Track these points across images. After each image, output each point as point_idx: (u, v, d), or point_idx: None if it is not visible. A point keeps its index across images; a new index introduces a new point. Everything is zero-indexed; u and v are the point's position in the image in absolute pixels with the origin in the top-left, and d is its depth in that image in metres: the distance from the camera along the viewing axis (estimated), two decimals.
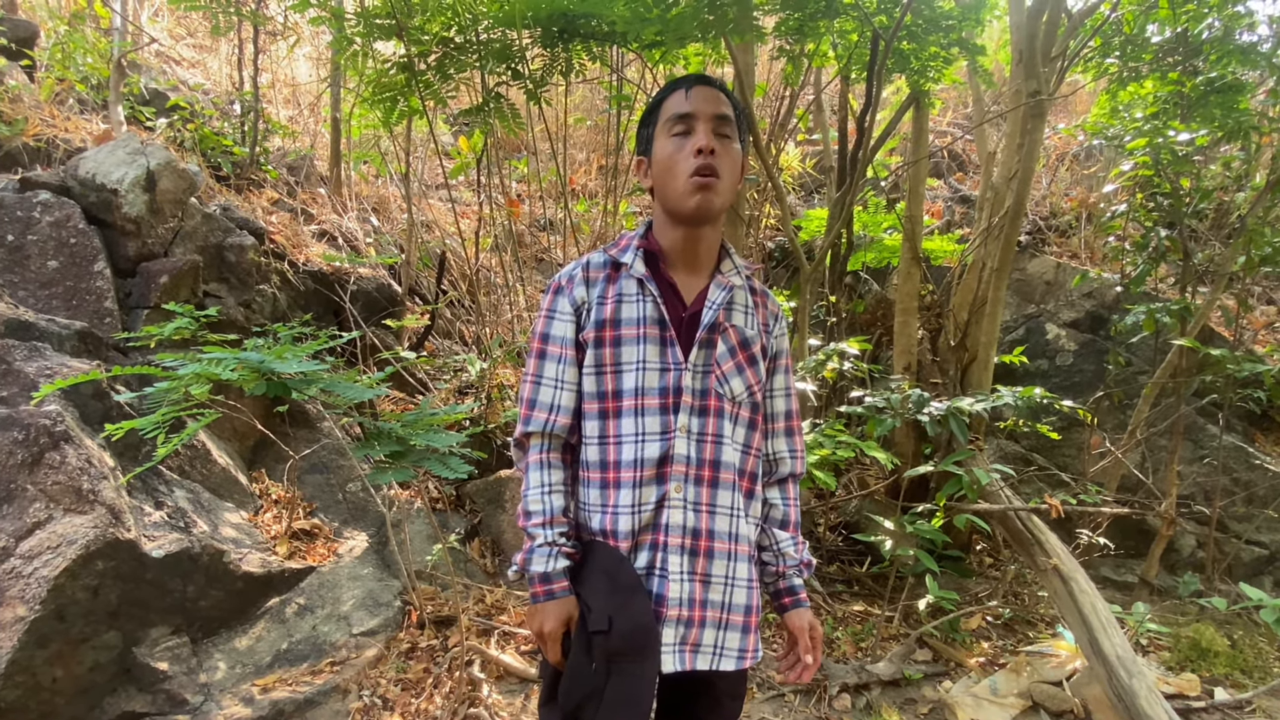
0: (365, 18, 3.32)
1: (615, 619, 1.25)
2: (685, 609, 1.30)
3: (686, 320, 1.37)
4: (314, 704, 2.54)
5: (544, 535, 1.32)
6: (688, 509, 1.32)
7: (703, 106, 1.32)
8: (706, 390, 1.35)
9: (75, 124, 4.55)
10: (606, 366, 1.36)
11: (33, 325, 2.97)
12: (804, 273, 3.69)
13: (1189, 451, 4.26)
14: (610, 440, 1.35)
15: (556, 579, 1.31)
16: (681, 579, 1.30)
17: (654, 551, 1.32)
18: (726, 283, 1.40)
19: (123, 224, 3.62)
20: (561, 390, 1.38)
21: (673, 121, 1.33)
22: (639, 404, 1.33)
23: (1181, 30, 3.87)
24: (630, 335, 1.35)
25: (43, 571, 2.30)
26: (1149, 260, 3.92)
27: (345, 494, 3.59)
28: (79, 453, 2.53)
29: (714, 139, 1.31)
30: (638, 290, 1.37)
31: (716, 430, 1.35)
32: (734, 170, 1.35)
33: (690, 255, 1.40)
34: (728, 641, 1.35)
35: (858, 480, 4.50)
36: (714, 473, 1.35)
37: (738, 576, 1.37)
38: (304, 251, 4.66)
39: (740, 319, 1.41)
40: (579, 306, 1.39)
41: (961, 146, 7.21)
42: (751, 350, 1.40)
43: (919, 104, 4.11)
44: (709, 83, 1.35)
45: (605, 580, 1.29)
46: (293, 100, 6.91)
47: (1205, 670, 3.11)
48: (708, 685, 1.40)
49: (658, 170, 1.36)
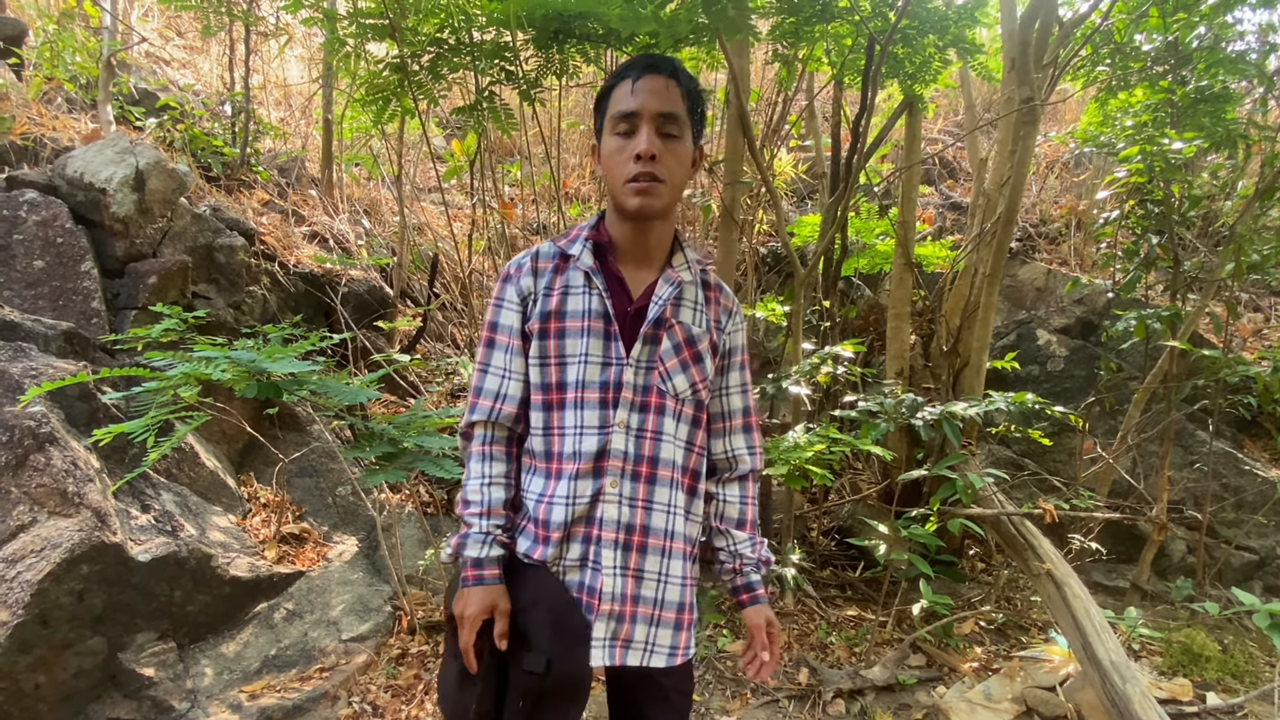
0: (357, 18, 3.30)
1: (555, 664, 1.25)
2: (617, 604, 1.30)
3: (632, 315, 1.35)
4: (303, 711, 2.51)
5: (480, 525, 1.32)
6: (623, 504, 1.32)
7: (648, 103, 1.27)
8: (648, 386, 1.34)
9: (63, 123, 4.51)
10: (551, 358, 1.35)
11: (18, 325, 2.92)
12: (798, 278, 3.69)
13: (1179, 457, 4.28)
14: (554, 432, 1.35)
15: (488, 565, 1.30)
16: (615, 573, 1.30)
17: (587, 544, 1.31)
18: (675, 278, 1.38)
19: (111, 224, 3.58)
20: (509, 379, 1.37)
21: (616, 119, 1.30)
22: (580, 397, 1.33)
23: (1172, 39, 3.90)
24: (574, 328, 1.34)
25: (26, 575, 2.26)
26: (1139, 267, 3.95)
27: (335, 498, 3.56)
28: (64, 455, 2.49)
29: (657, 140, 1.27)
30: (584, 283, 1.35)
31: (656, 426, 1.34)
32: (679, 169, 1.32)
33: (639, 249, 1.38)
34: (659, 638, 1.34)
35: (850, 485, 4.50)
36: (652, 469, 1.34)
37: (671, 574, 1.36)
38: (295, 253, 4.63)
39: (688, 315, 1.40)
40: (525, 297, 1.37)
41: (953, 153, 7.25)
42: (698, 347, 1.39)
43: (912, 109, 4.13)
44: (659, 69, 1.30)
45: (550, 620, 1.28)
46: (284, 101, 6.87)
47: (1197, 675, 3.11)
48: (647, 678, 1.39)
49: (604, 165, 1.34)
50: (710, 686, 2.97)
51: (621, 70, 1.33)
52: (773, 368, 4.78)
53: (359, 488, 3.50)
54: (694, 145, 1.37)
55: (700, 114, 1.37)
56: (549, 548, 1.31)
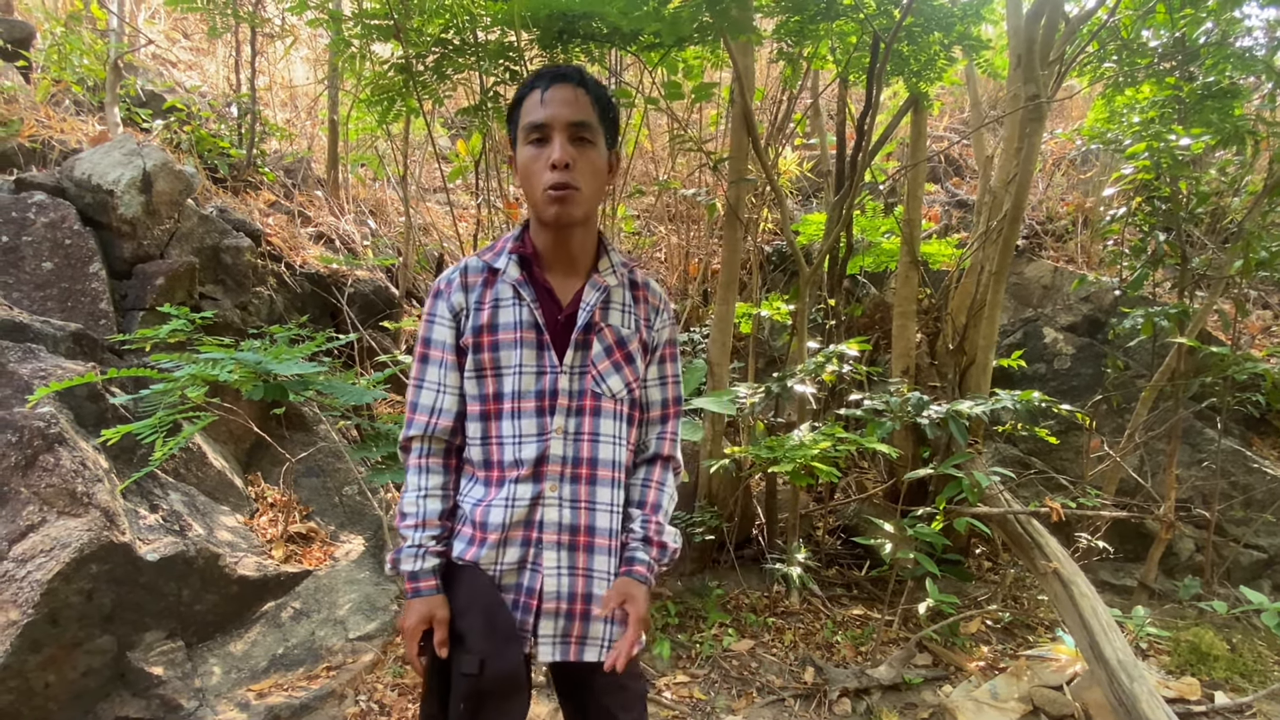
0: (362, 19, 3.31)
1: (488, 664, 1.29)
2: (565, 603, 1.34)
3: (563, 322, 1.39)
4: (310, 709, 2.52)
5: (414, 537, 1.36)
6: (564, 506, 1.36)
7: (559, 112, 1.29)
8: (583, 390, 1.38)
9: (71, 125, 4.53)
10: (487, 370, 1.38)
11: (27, 327, 2.94)
12: (803, 276, 3.69)
13: (1187, 455, 4.26)
14: (492, 441, 1.38)
15: (424, 577, 1.35)
16: (559, 574, 1.34)
17: (526, 547, 1.35)
18: (601, 283, 1.41)
19: (118, 225, 3.60)
20: (443, 394, 1.41)
21: (529, 129, 1.31)
22: (516, 407, 1.36)
23: (1179, 35, 3.88)
24: (507, 340, 1.37)
25: (36, 575, 2.27)
26: (1147, 264, 3.93)
27: (342, 497, 3.57)
28: (73, 455, 2.50)
29: (570, 148, 1.29)
30: (513, 295, 1.38)
31: (594, 429, 1.38)
32: (595, 176, 1.34)
33: (563, 257, 1.41)
34: (615, 634, 1.37)
35: (856, 483, 4.49)
36: (592, 470, 1.38)
37: (619, 570, 1.40)
38: (301, 254, 4.64)
39: (617, 318, 1.43)
40: (458, 312, 1.40)
41: (959, 151, 7.23)
42: (628, 348, 1.43)
43: (917, 107, 4.11)
44: (567, 79, 1.31)
45: (483, 621, 1.32)
46: (290, 102, 6.89)
47: (1205, 674, 3.10)
48: (597, 672, 1.39)
49: (520, 175, 1.36)
50: (716, 685, 2.98)
51: (530, 81, 1.35)
52: (777, 366, 4.78)
53: (365, 487, 3.51)
54: (609, 151, 1.39)
55: (612, 120, 1.39)
56: (484, 549, 1.35)
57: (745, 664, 3.12)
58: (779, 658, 3.19)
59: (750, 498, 3.98)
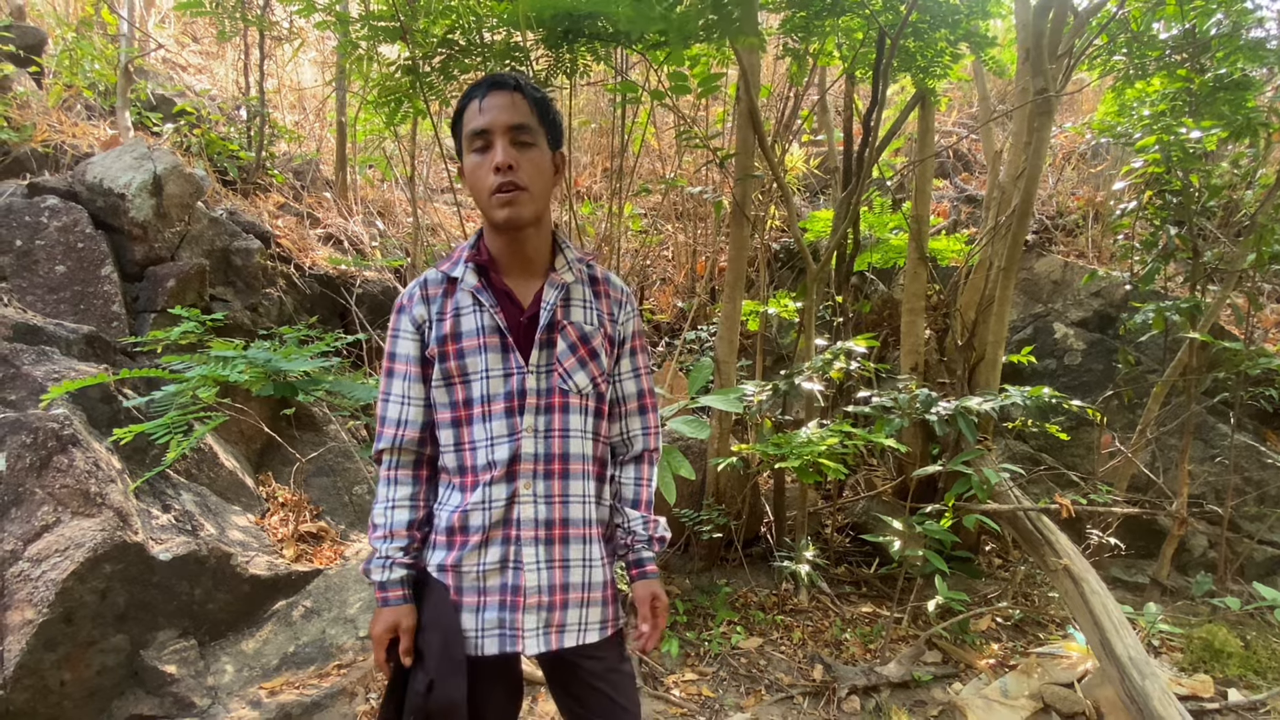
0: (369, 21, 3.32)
1: (435, 687, 1.33)
2: (545, 595, 1.38)
3: (525, 324, 1.42)
4: (321, 707, 2.54)
5: (382, 548, 1.40)
6: (538, 503, 1.39)
7: (498, 118, 1.33)
8: (550, 389, 1.41)
9: (83, 130, 4.58)
10: (455, 378, 1.41)
11: (40, 329, 2.97)
12: (810, 273, 3.68)
13: (1200, 451, 4.23)
14: (465, 446, 1.41)
15: (391, 588, 1.39)
16: (538, 568, 1.38)
17: (507, 545, 1.38)
18: (559, 280, 1.44)
19: (130, 228, 3.63)
20: (408, 406, 1.44)
21: (471, 137, 1.36)
22: (486, 410, 1.39)
23: (1189, 27, 3.85)
24: (472, 346, 1.40)
25: (51, 574, 2.30)
26: (1158, 258, 3.90)
27: (352, 496, 3.59)
28: (87, 456, 2.53)
29: (512, 150, 1.33)
30: (473, 303, 1.41)
31: (563, 425, 1.41)
32: (539, 175, 1.37)
33: (519, 259, 1.43)
34: (590, 617, 1.43)
35: (865, 481, 4.48)
36: (564, 465, 1.41)
37: (593, 558, 1.44)
38: (310, 255, 4.67)
39: (579, 314, 1.45)
40: (420, 324, 1.43)
41: (967, 146, 7.19)
42: (592, 344, 1.45)
43: (925, 103, 4.10)
44: (503, 86, 1.36)
45: (439, 643, 1.36)
46: (298, 105, 6.93)
47: (1219, 671, 3.07)
48: (586, 664, 1.45)
49: (468, 183, 1.40)
50: (725, 683, 2.98)
51: (468, 92, 1.39)
52: (785, 364, 4.77)
53: (375, 486, 3.53)
54: (553, 151, 1.42)
55: (553, 121, 1.42)
56: (464, 551, 1.38)
57: (754, 661, 3.12)
58: (787, 655, 3.18)
59: (758, 495, 3.98)
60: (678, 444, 3.74)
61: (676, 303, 6.14)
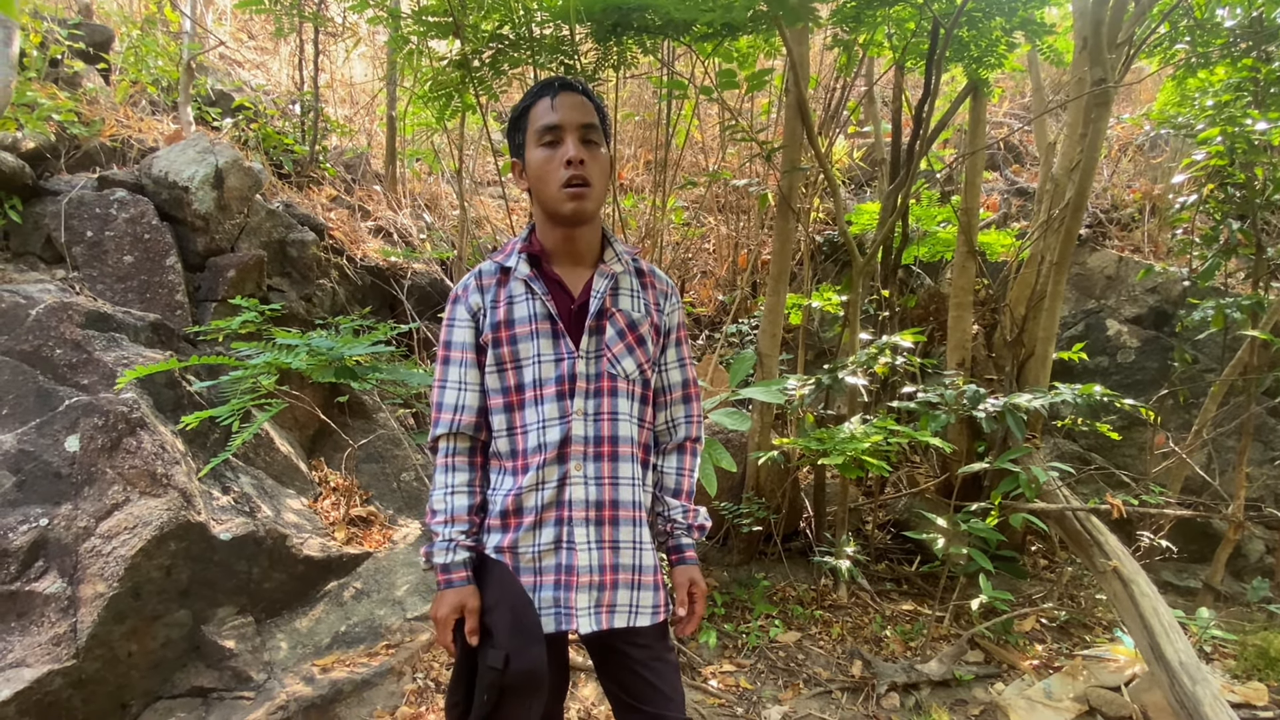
0: (421, 16, 3.38)
1: (513, 660, 1.36)
2: (597, 574, 1.42)
3: (575, 311, 1.47)
4: (370, 685, 2.63)
5: (444, 532, 1.44)
6: (589, 484, 1.44)
7: (569, 116, 1.41)
8: (600, 373, 1.46)
9: (148, 124, 4.75)
10: (507, 364, 1.46)
11: (110, 317, 3.11)
12: (856, 266, 3.65)
13: (1259, 453, 4.09)
14: (517, 431, 1.47)
15: (455, 569, 1.42)
16: (589, 548, 1.42)
17: (560, 526, 1.43)
18: (609, 271, 1.50)
19: (193, 220, 3.77)
20: (465, 391, 1.49)
21: (541, 131, 1.42)
22: (538, 394, 1.45)
23: (1256, 14, 3.70)
24: (524, 332, 1.46)
25: (120, 551, 2.42)
26: (1219, 254, 3.77)
27: (400, 482, 3.69)
28: (154, 439, 2.65)
29: (582, 148, 1.40)
30: (525, 291, 1.46)
31: (612, 409, 1.46)
32: (603, 175, 1.45)
33: (572, 251, 1.50)
34: (642, 600, 1.46)
35: (908, 478, 4.44)
36: (613, 447, 1.46)
37: (643, 540, 1.49)
38: (361, 247, 4.79)
39: (627, 302, 1.51)
40: (475, 313, 1.49)
41: (1019, 138, 7.02)
42: (639, 331, 1.50)
43: (976, 93, 4.02)
44: (573, 89, 1.44)
45: (510, 618, 1.39)
46: (350, 99, 7.08)
47: (1274, 680, 2.99)
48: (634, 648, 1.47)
49: (532, 177, 1.45)
50: (763, 676, 3.00)
51: (536, 91, 1.45)
52: (827, 359, 4.74)
53: (423, 473, 3.62)
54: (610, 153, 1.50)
55: (607, 126, 1.50)
56: (520, 533, 1.42)
57: (792, 655, 3.13)
58: (826, 650, 3.19)
59: (798, 490, 3.97)
60: (718, 436, 3.75)
61: (717, 296, 6.13)
